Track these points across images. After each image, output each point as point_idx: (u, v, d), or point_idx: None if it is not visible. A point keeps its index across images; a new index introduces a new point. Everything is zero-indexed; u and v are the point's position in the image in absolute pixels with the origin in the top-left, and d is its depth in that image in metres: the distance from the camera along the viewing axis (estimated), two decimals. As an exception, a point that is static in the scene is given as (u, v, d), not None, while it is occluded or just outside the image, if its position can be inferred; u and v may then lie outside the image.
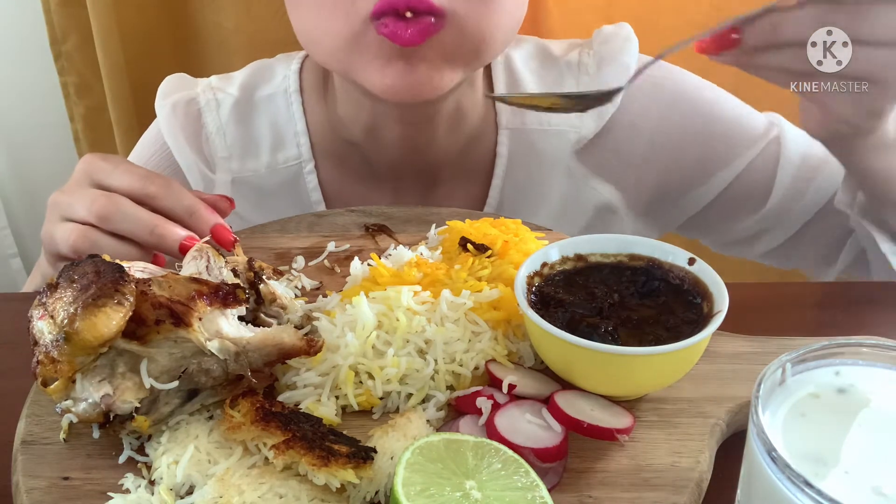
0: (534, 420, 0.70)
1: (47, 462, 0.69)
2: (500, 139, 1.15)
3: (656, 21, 1.49)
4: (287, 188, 1.16)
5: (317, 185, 1.15)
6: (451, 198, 1.16)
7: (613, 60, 1.13)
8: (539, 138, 1.15)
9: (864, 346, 0.58)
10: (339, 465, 0.62)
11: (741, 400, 0.74)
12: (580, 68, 1.14)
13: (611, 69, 1.12)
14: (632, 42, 1.14)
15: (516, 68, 1.15)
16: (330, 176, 1.16)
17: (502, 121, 1.15)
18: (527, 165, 1.16)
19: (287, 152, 1.15)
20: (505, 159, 1.15)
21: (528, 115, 1.15)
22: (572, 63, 1.15)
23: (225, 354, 0.70)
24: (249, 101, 1.16)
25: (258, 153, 1.16)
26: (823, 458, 0.52)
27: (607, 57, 1.13)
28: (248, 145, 1.16)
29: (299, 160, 1.15)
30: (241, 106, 1.16)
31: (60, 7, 1.64)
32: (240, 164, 1.16)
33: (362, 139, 1.12)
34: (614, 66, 1.12)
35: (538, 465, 0.66)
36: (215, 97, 1.16)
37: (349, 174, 1.16)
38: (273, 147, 1.15)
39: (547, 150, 1.15)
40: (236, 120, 1.15)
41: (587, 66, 1.14)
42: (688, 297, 0.75)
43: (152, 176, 0.88)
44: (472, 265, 0.82)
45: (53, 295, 0.69)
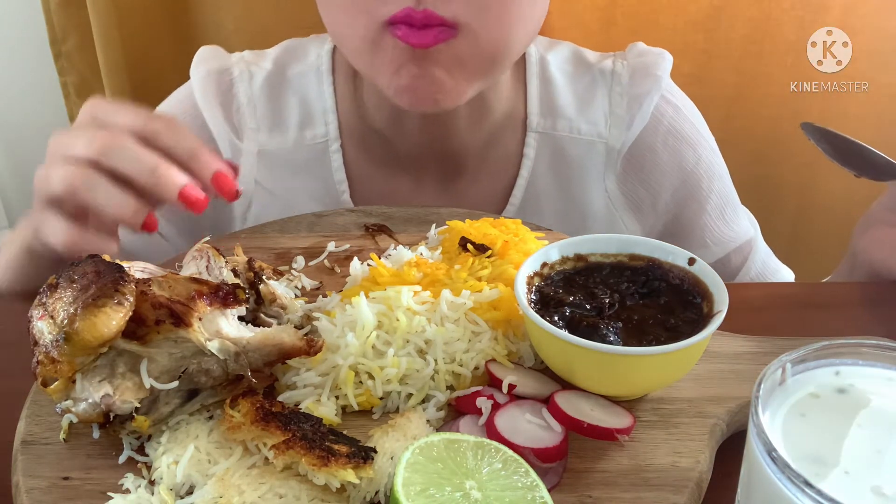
0: (534, 420, 0.70)
1: (47, 462, 0.69)
2: (527, 140, 1.16)
3: (656, 20, 1.49)
4: (312, 165, 1.16)
5: (341, 164, 1.16)
6: (472, 191, 1.17)
7: (647, 73, 1.15)
8: (569, 145, 1.16)
9: (864, 346, 0.58)
10: (339, 465, 0.62)
11: (741, 400, 0.74)
12: (613, 77, 1.16)
13: (643, 81, 1.14)
14: (665, 58, 1.16)
15: (550, 71, 1.17)
16: (354, 157, 1.17)
17: (532, 122, 1.16)
18: (554, 170, 1.17)
19: (315, 130, 1.16)
20: (531, 161, 1.16)
21: (558, 121, 1.16)
22: (606, 71, 1.16)
23: (225, 354, 0.70)
24: (282, 76, 1.17)
25: (286, 128, 1.17)
26: (823, 458, 0.52)
27: (640, 69, 1.15)
28: (276, 119, 1.17)
29: (326, 139, 1.16)
30: (274, 80, 1.17)
31: (60, 7, 1.64)
32: (267, 137, 1.16)
33: (385, 126, 1.13)
34: (647, 78, 1.14)
35: (538, 465, 0.66)
36: (248, 69, 1.17)
37: (373, 158, 1.17)
38: (301, 124, 1.16)
39: (575, 158, 1.16)
40: (268, 94, 1.16)
41: (620, 76, 1.16)
42: (688, 297, 0.75)
43: (157, 115, 0.84)
44: (472, 265, 0.82)
45: (53, 295, 0.69)
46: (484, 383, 0.75)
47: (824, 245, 1.68)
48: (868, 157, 0.95)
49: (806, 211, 1.69)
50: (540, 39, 1.20)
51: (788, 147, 1.59)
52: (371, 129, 1.15)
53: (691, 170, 1.17)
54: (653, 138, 1.16)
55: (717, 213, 1.20)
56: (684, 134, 1.17)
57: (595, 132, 1.16)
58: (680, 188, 1.18)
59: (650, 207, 1.19)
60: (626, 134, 1.14)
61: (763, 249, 1.26)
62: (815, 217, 1.69)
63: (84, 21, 1.62)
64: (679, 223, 1.20)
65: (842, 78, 1.26)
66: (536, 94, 1.16)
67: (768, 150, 1.61)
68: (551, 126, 1.16)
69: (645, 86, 1.14)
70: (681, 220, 1.20)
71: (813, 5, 1.45)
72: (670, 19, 1.49)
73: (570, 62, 1.19)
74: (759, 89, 1.55)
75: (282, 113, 1.17)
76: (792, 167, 1.62)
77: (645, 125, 1.15)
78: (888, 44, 1.46)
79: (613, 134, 1.15)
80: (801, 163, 1.60)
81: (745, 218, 1.26)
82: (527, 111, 1.16)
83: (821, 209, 1.67)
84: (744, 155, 1.57)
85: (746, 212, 1.27)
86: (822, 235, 1.69)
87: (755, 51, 1.51)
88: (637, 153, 1.16)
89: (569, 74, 1.17)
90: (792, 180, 1.64)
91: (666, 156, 1.16)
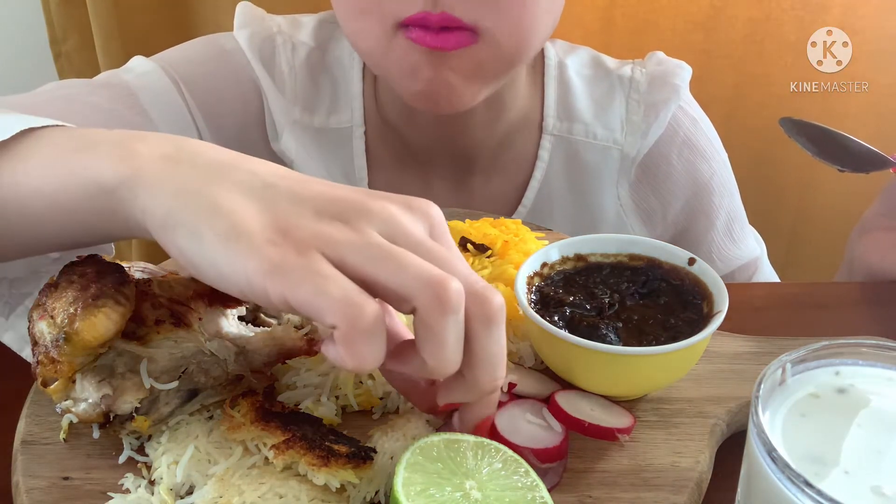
0: (534, 420, 0.70)
1: (47, 462, 0.69)
2: (542, 143, 1.15)
3: (656, 21, 1.49)
4: (334, 147, 1.16)
5: (363, 150, 1.16)
6: (485, 191, 1.17)
7: (665, 82, 1.15)
8: (584, 150, 1.16)
9: (864, 346, 0.58)
10: (339, 465, 0.62)
11: (741, 400, 0.74)
12: (631, 84, 1.16)
13: (661, 89, 1.14)
14: (685, 69, 1.16)
15: (568, 74, 1.16)
16: (373, 145, 1.17)
17: (548, 125, 1.15)
18: (567, 173, 1.17)
19: (340, 115, 1.16)
20: (545, 163, 1.16)
21: (574, 125, 1.16)
22: (624, 77, 1.16)
23: (225, 354, 0.70)
24: (321, 58, 1.16)
25: (316, 108, 1.16)
26: (823, 458, 0.52)
27: (659, 77, 1.15)
28: (309, 98, 1.16)
29: (351, 124, 1.16)
30: (314, 59, 1.16)
31: (60, 7, 1.64)
32: (299, 114, 1.16)
33: (399, 120, 1.13)
34: (665, 87, 1.14)
35: (538, 466, 0.66)
36: (291, 41, 1.16)
37: (388, 150, 1.17)
38: (330, 108, 1.16)
39: (590, 163, 1.16)
40: (307, 72, 1.15)
41: (638, 83, 1.15)
42: (688, 298, 0.75)
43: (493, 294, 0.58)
44: (472, 265, 0.82)
45: (53, 295, 0.69)
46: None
47: (824, 245, 1.68)
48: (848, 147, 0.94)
49: (806, 211, 1.69)
50: (559, 43, 1.20)
51: (788, 147, 1.58)
52: (386, 122, 1.15)
53: (705, 184, 1.18)
54: (668, 148, 1.16)
55: (725, 230, 1.20)
56: (700, 147, 1.17)
57: (611, 138, 1.15)
58: (691, 200, 1.18)
59: (660, 217, 1.19)
60: (642, 142, 1.14)
61: (767, 271, 1.27)
62: (815, 217, 1.69)
63: (84, 21, 1.62)
64: (687, 236, 1.20)
65: (842, 78, 1.26)
66: (554, 96, 1.16)
67: (768, 150, 1.61)
68: (567, 130, 1.15)
69: (662, 94, 1.14)
70: (689, 233, 1.20)
71: (813, 5, 1.45)
72: (670, 20, 1.49)
73: (588, 67, 1.18)
74: (759, 89, 1.55)
75: (317, 94, 1.16)
76: (792, 167, 1.62)
77: (661, 134, 1.14)
78: (888, 44, 1.46)
79: (629, 141, 1.15)
80: (801, 163, 1.60)
81: (752, 237, 1.26)
82: (543, 113, 1.16)
83: (821, 209, 1.67)
84: (744, 155, 1.56)
85: (753, 231, 1.28)
86: (822, 235, 1.69)
87: (755, 51, 1.51)
88: (652, 162, 1.16)
89: (587, 79, 1.17)
90: (792, 180, 1.64)
91: (680, 167, 1.16)
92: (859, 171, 0.93)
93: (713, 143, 1.19)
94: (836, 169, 0.94)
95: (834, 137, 0.95)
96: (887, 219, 1.01)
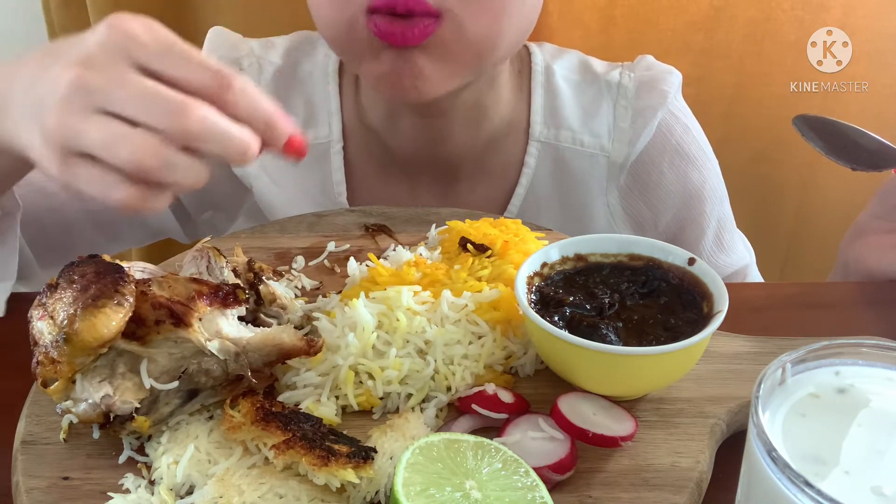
0: (537, 435, 0.69)
1: (47, 462, 0.69)
2: (529, 149, 1.14)
3: (656, 21, 1.49)
4: (312, 164, 1.16)
5: (341, 165, 1.15)
6: (470, 197, 1.16)
7: (653, 87, 1.13)
8: (571, 156, 1.15)
9: (864, 346, 0.58)
10: (339, 465, 0.62)
11: (741, 400, 0.74)
12: (619, 90, 1.14)
13: (649, 95, 1.13)
14: (674, 75, 1.15)
15: (556, 80, 1.15)
16: (354, 159, 1.16)
17: (535, 131, 1.14)
18: (554, 180, 1.16)
19: (318, 130, 1.15)
20: (532, 170, 1.15)
21: (561, 131, 1.15)
22: (612, 83, 1.15)
23: (225, 354, 0.70)
24: (291, 74, 1.16)
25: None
26: (823, 458, 0.52)
27: (647, 83, 1.14)
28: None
29: (328, 139, 1.15)
30: (283, 77, 1.16)
31: (60, 7, 1.64)
32: None
33: (381, 125, 1.13)
34: (653, 93, 1.13)
35: (554, 479, 0.65)
36: (258, 62, 1.16)
37: (371, 161, 1.16)
38: (305, 123, 1.16)
39: (577, 170, 1.15)
40: (275, 90, 1.15)
41: (626, 89, 1.14)
42: (688, 297, 0.75)
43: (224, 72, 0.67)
44: (471, 265, 0.82)
45: (53, 295, 0.69)
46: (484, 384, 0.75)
47: (824, 245, 1.68)
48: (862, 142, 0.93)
49: (806, 211, 1.68)
50: (547, 47, 1.19)
51: (788, 147, 1.59)
52: (369, 130, 1.15)
53: (696, 192, 1.17)
54: (660, 156, 1.14)
55: (715, 238, 1.20)
56: (691, 155, 1.16)
57: (598, 145, 1.14)
58: (682, 209, 1.17)
59: (651, 226, 1.18)
60: (630, 149, 1.13)
61: (756, 278, 1.26)
62: (815, 217, 1.68)
63: (84, 21, 1.62)
64: (677, 244, 1.20)
65: (842, 78, 1.26)
66: (541, 102, 1.14)
67: (768, 150, 1.61)
68: (554, 136, 1.14)
69: (651, 100, 1.12)
70: (679, 241, 1.18)
71: (813, 5, 1.45)
72: (670, 20, 1.49)
73: (576, 72, 1.17)
74: (759, 89, 1.55)
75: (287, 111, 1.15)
76: (792, 167, 1.62)
77: (651, 141, 1.13)
78: (888, 44, 1.46)
79: (616, 148, 1.13)
80: (801, 163, 1.59)
81: (742, 244, 1.26)
82: (530, 119, 1.14)
83: (821, 209, 1.67)
84: (744, 155, 1.57)
85: (743, 238, 1.27)
86: (822, 235, 1.68)
87: (755, 51, 1.51)
88: (642, 169, 1.15)
89: (575, 84, 1.16)
90: (792, 180, 1.64)
91: (672, 176, 1.15)
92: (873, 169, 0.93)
93: (704, 150, 1.18)
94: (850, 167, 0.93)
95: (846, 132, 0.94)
96: (884, 221, 1.01)
